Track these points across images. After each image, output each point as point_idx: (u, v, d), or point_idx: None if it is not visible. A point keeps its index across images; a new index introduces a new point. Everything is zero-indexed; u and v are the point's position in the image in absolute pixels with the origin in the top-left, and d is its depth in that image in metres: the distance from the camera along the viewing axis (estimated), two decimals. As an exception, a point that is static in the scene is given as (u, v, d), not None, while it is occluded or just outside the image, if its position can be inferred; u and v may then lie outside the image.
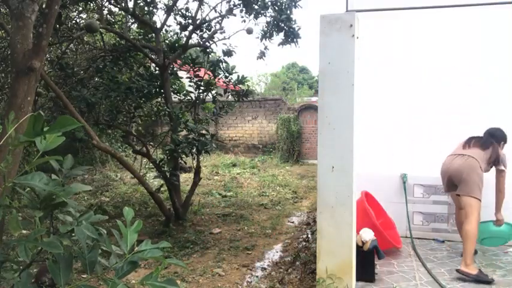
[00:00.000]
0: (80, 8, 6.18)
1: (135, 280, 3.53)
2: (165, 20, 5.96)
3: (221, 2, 6.19)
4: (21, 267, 1.40)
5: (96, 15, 6.43)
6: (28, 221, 1.32)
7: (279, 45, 6.58)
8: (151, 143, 6.70)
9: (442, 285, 3.43)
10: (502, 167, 3.88)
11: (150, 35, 6.07)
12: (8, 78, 5.78)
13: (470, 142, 3.94)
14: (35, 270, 2.92)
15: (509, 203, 4.33)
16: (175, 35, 7.07)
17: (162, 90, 5.85)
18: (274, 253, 4.74)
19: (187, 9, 6.14)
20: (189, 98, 6.25)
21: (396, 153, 4.75)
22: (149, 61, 6.16)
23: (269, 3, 6.15)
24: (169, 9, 5.96)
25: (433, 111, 4.67)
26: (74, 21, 6.05)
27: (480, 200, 3.68)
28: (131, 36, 6.25)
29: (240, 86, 6.16)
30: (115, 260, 1.24)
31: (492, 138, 3.93)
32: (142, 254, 1.21)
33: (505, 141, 4.03)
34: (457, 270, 3.62)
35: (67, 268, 1.14)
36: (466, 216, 3.72)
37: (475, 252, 4.14)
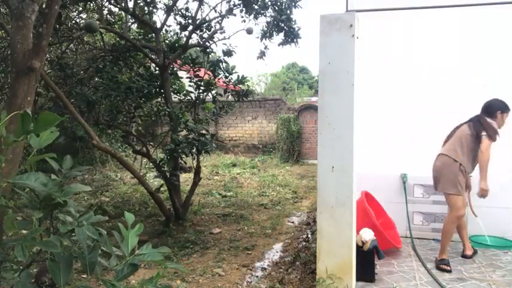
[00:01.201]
0: (80, 8, 6.17)
1: (135, 280, 3.53)
2: (165, 20, 5.96)
3: (221, 2, 6.19)
4: (21, 267, 1.40)
5: (96, 15, 6.43)
6: (28, 221, 1.32)
7: (279, 45, 6.59)
8: (151, 143, 6.71)
9: (442, 285, 3.43)
10: (484, 133, 3.73)
11: (150, 35, 6.07)
12: (8, 78, 5.78)
13: (447, 138, 4.04)
14: (35, 270, 2.92)
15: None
16: (175, 35, 7.06)
17: (162, 90, 5.85)
18: (274, 253, 4.74)
19: (187, 9, 6.13)
20: (189, 98, 6.24)
21: (396, 153, 4.75)
22: (149, 61, 6.15)
23: (269, 3, 6.15)
24: (169, 9, 5.96)
25: (433, 111, 4.67)
26: (74, 21, 6.05)
27: (458, 195, 3.77)
28: (131, 36, 6.25)
29: (240, 86, 6.16)
30: (115, 261, 1.24)
31: (485, 113, 3.86)
32: (142, 257, 1.21)
33: (503, 110, 3.84)
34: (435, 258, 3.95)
35: (67, 268, 1.14)
36: (448, 212, 3.93)
37: (475, 252, 4.14)
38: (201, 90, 5.90)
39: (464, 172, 3.82)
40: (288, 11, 6.18)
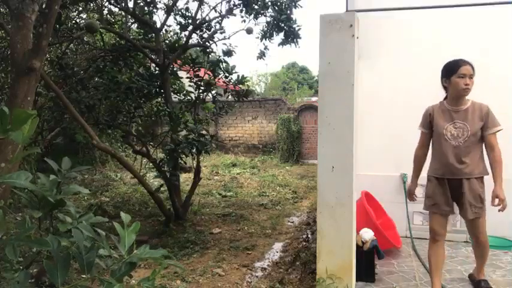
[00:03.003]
0: (80, 8, 6.18)
1: (135, 280, 3.53)
2: (165, 20, 5.96)
3: (221, 2, 6.19)
4: (21, 267, 1.40)
5: (96, 15, 6.43)
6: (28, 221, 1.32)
7: (279, 45, 6.58)
8: (151, 143, 6.70)
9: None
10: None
11: (150, 35, 6.07)
12: (8, 78, 5.78)
13: None
14: (35, 270, 2.92)
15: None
16: (175, 35, 7.07)
17: (162, 90, 5.85)
18: (274, 253, 4.73)
19: (187, 9, 6.13)
20: (189, 98, 6.24)
21: (396, 153, 4.74)
22: (149, 61, 6.16)
23: (269, 3, 6.15)
24: (169, 9, 5.96)
25: (433, 111, 4.66)
26: (74, 21, 6.05)
27: (430, 212, 3.42)
28: (131, 36, 6.25)
29: (240, 86, 6.16)
30: (111, 261, 1.23)
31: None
32: (141, 255, 1.21)
33: (446, 75, 3.33)
34: None
35: (65, 268, 1.14)
36: None
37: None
38: (201, 90, 5.90)
39: (430, 181, 3.43)
40: (288, 11, 6.18)
